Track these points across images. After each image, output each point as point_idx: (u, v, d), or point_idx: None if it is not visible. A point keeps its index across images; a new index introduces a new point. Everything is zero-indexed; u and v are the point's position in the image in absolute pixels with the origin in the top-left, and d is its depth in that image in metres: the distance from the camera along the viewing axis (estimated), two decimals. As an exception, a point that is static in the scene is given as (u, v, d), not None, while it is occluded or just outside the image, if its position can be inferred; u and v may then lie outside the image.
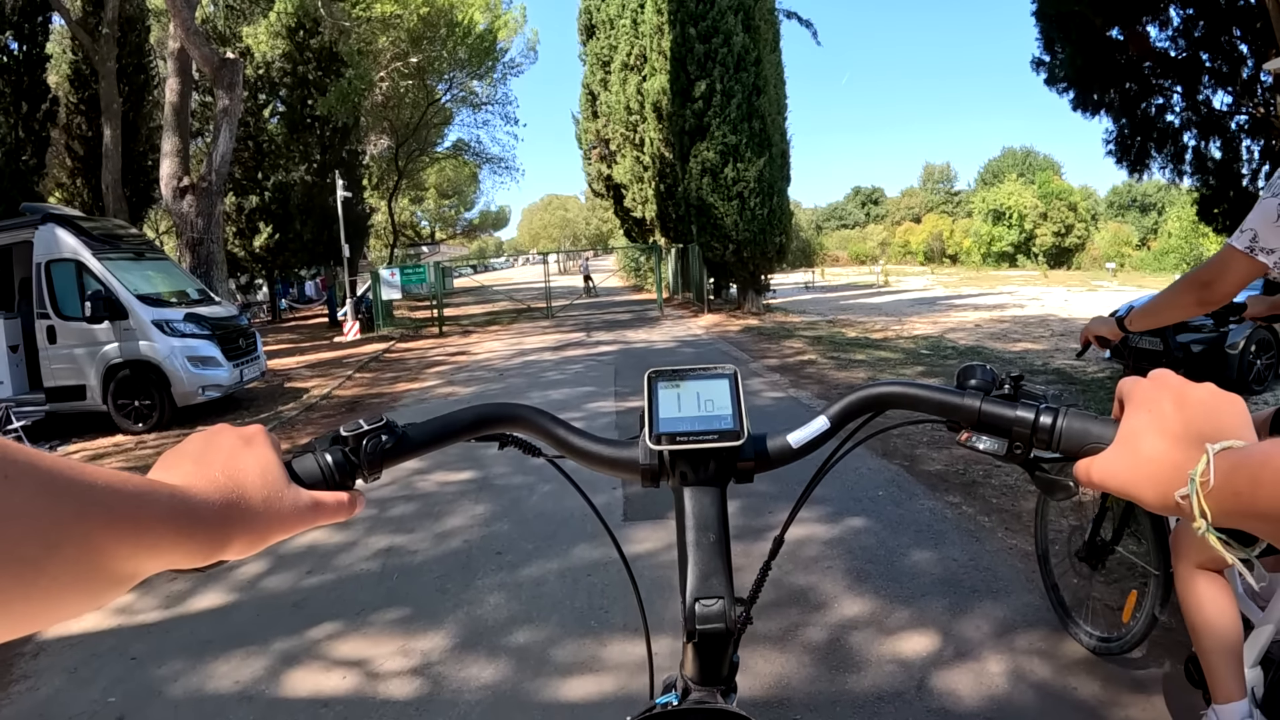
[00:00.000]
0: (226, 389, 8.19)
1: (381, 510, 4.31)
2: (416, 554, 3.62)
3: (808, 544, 3.42)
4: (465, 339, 14.67)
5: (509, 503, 4.19)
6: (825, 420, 0.66)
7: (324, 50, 19.38)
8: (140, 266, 8.67)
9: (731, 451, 0.61)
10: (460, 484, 4.63)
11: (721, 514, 0.62)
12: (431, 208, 45.80)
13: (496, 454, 5.35)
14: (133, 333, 7.78)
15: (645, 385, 0.63)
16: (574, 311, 19.15)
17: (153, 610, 3.29)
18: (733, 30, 14.35)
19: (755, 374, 8.27)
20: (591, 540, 3.56)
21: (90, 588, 0.36)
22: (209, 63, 11.85)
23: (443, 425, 0.64)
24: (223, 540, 0.45)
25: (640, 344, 11.81)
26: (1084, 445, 0.53)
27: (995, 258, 47.10)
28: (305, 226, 20.54)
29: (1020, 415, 0.58)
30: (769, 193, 14.92)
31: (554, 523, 3.84)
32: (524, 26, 26.97)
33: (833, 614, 2.82)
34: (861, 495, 4.04)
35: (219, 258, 11.89)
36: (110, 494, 0.37)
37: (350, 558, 3.69)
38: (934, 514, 3.77)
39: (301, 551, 3.84)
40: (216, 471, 0.47)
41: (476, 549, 3.60)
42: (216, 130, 12.00)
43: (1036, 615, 2.73)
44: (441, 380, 9.30)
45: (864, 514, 3.78)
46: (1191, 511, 0.42)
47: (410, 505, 4.34)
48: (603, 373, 8.87)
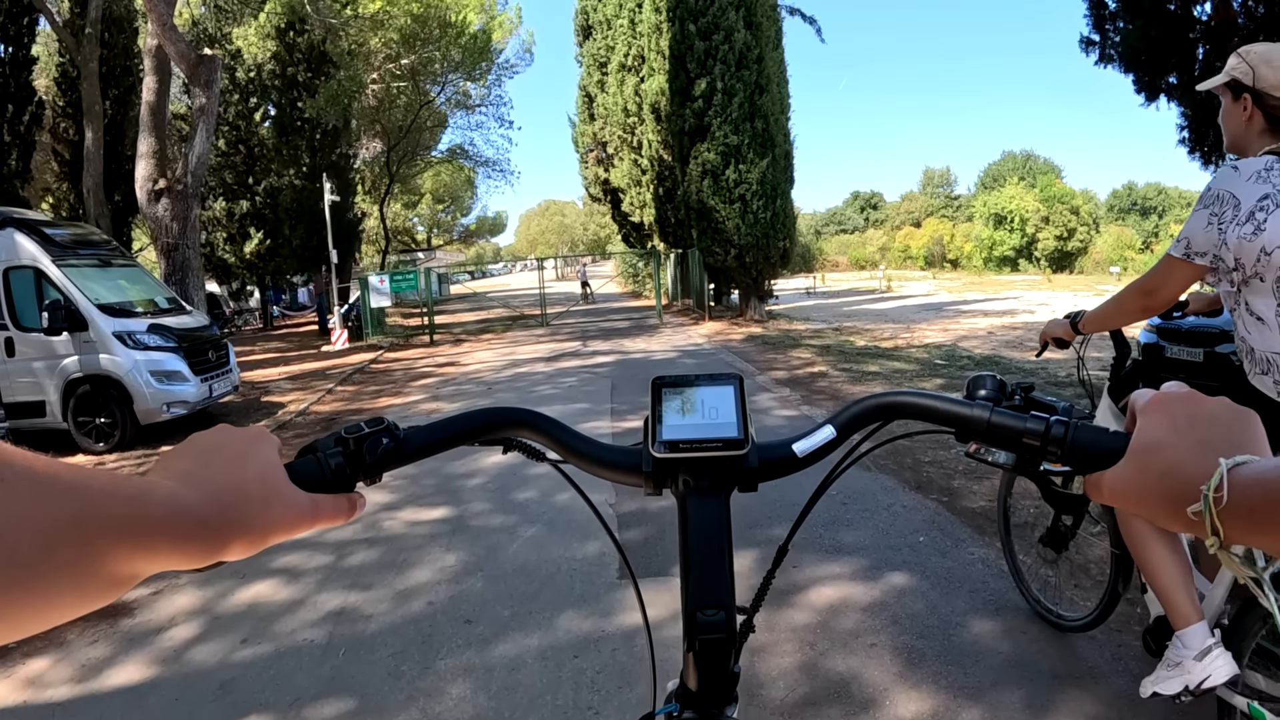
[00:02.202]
0: (193, 406, 7.61)
1: (339, 557, 3.71)
2: (370, 620, 3.01)
3: (845, 611, 2.82)
4: (456, 348, 14.07)
5: (485, 551, 3.58)
6: (831, 429, 0.64)
7: (313, 51, 18.87)
8: (106, 274, 8.14)
9: (735, 460, 0.60)
10: (431, 525, 4.02)
11: (724, 523, 0.60)
12: (426, 213, 45.20)
13: (475, 489, 4.77)
14: (93, 345, 7.25)
15: (650, 392, 0.63)
16: (570, 319, 18.55)
17: (65, 684, 2.74)
18: (734, 26, 13.79)
19: (763, 388, 7.67)
20: (581, 605, 2.96)
21: (89, 590, 0.36)
22: (185, 60, 11.28)
23: (445, 428, 0.63)
24: (222, 542, 0.45)
25: (639, 354, 11.21)
26: (1095, 458, 0.52)
27: (996, 262, 46.70)
28: (294, 232, 20.02)
29: (1030, 427, 0.56)
30: (772, 195, 14.34)
31: (536, 579, 3.22)
32: (519, 27, 26.47)
33: (885, 716, 2.22)
34: (899, 542, 3.44)
35: (195, 264, 11.29)
36: (107, 496, 0.37)
37: (294, 622, 3.09)
38: (988, 566, 3.17)
39: (242, 611, 3.26)
40: (216, 472, 0.47)
41: (442, 615, 2.99)
42: (193, 130, 11.41)
43: (1139, 708, 2.13)
44: (426, 395, 8.69)
45: (906, 567, 3.18)
46: (1204, 529, 0.41)
47: (373, 551, 3.73)
48: (599, 387, 8.26)
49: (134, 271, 8.79)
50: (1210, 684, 1.76)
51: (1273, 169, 1.66)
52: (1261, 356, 1.72)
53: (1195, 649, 1.80)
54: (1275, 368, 1.69)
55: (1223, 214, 1.68)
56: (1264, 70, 1.71)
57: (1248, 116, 1.77)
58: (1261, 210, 1.63)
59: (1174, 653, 1.85)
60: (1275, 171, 1.66)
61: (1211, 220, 1.69)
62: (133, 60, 17.94)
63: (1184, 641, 1.82)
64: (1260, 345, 1.72)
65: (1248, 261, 1.65)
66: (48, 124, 17.37)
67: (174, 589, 3.58)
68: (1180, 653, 1.83)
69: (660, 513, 3.85)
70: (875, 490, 4.12)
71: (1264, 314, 1.68)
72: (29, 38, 15.94)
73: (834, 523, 3.65)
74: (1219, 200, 1.69)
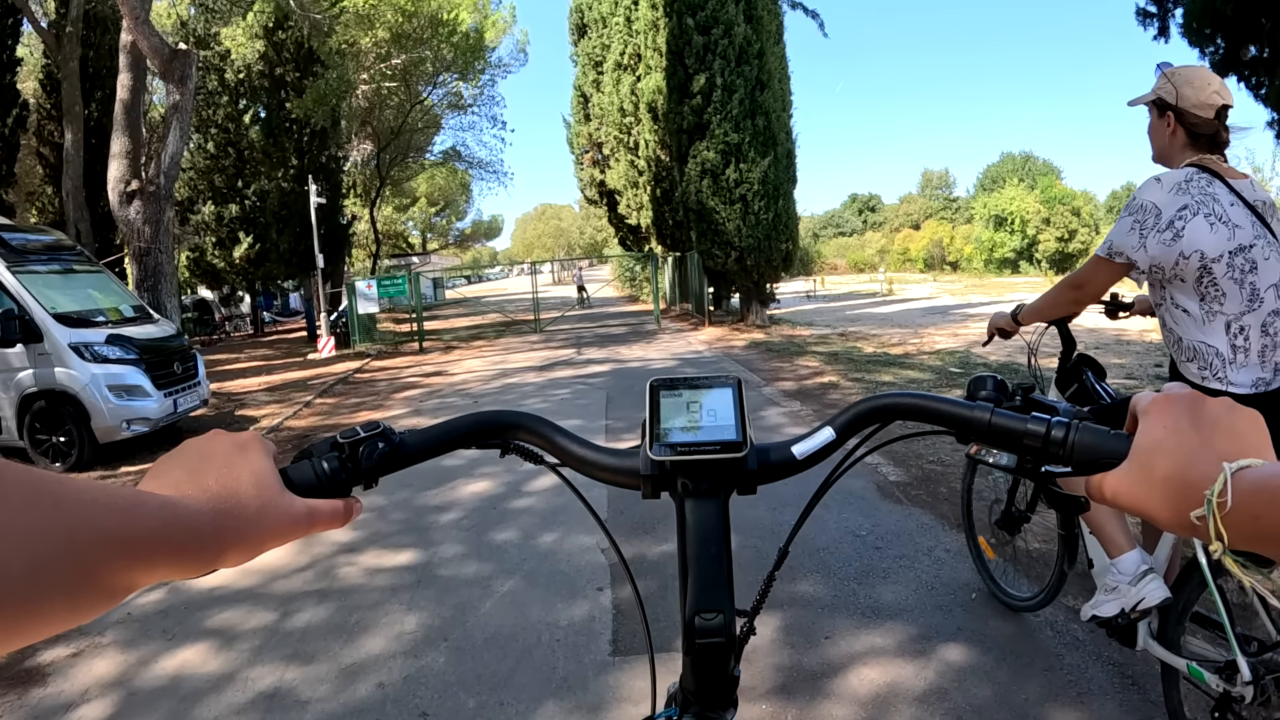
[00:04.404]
0: (156, 423, 7.03)
1: (283, 615, 3.14)
2: (306, 709, 2.44)
3: (895, 703, 2.24)
4: (446, 356, 13.50)
5: (452, 612, 2.98)
6: (831, 431, 0.63)
7: (301, 50, 18.34)
8: (68, 282, 7.64)
9: (734, 463, 0.59)
10: (394, 574, 3.43)
11: (723, 526, 0.59)
12: (419, 216, 44.59)
13: (448, 527, 4.16)
14: (49, 358, 6.72)
15: (648, 394, 0.62)
16: (565, 324, 17.97)
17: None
18: (734, 20, 13.25)
19: (771, 401, 7.11)
20: (565, 694, 2.37)
21: (83, 602, 0.36)
22: (159, 54, 10.73)
23: (442, 432, 0.62)
24: (217, 551, 0.44)
25: (636, 363, 10.64)
26: (1097, 460, 0.52)
27: (997, 264, 46.25)
28: (282, 236, 19.50)
29: (1031, 428, 0.55)
30: (774, 195, 13.79)
31: (511, 654, 2.64)
32: (513, 27, 25.92)
33: None
34: (949, 600, 2.87)
35: (168, 269, 10.71)
36: (99, 507, 0.37)
37: (219, 705, 2.52)
38: (1059, 633, 2.61)
39: (163, 685, 2.71)
40: (209, 480, 0.47)
41: (393, 704, 2.40)
42: (166, 129, 10.85)
43: None
44: (409, 409, 8.11)
45: (962, 636, 2.61)
46: (1208, 533, 0.40)
47: (322, 608, 3.16)
48: (593, 400, 7.69)
49: (99, 278, 8.25)
50: (1144, 606, 1.93)
51: (1192, 180, 1.83)
52: (1188, 345, 1.91)
53: (1130, 574, 1.97)
54: (1200, 356, 1.88)
55: (1145, 222, 1.86)
56: (1186, 91, 1.88)
57: (1171, 131, 1.93)
58: (1180, 219, 1.81)
59: (1111, 579, 2.02)
60: (1194, 183, 1.83)
61: (1134, 227, 1.88)
62: (117, 61, 17.45)
63: (1120, 568, 1.99)
64: (1186, 336, 1.91)
65: (1167, 265, 1.85)
66: (32, 127, 16.90)
67: (96, 650, 3.04)
68: (1116, 578, 2.00)
69: (662, 561, 3.28)
70: (911, 530, 3.56)
71: (1189, 307, 1.87)
72: (13, 39, 15.52)
73: (868, 574, 3.08)
74: (1142, 209, 1.87)
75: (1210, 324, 1.84)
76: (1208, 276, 1.81)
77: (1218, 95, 1.87)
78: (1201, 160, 1.88)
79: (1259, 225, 1.83)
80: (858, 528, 3.60)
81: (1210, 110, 1.86)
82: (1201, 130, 1.89)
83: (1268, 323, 1.82)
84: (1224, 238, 1.79)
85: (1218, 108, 1.86)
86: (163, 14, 18.39)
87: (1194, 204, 1.80)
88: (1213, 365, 1.86)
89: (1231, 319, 1.82)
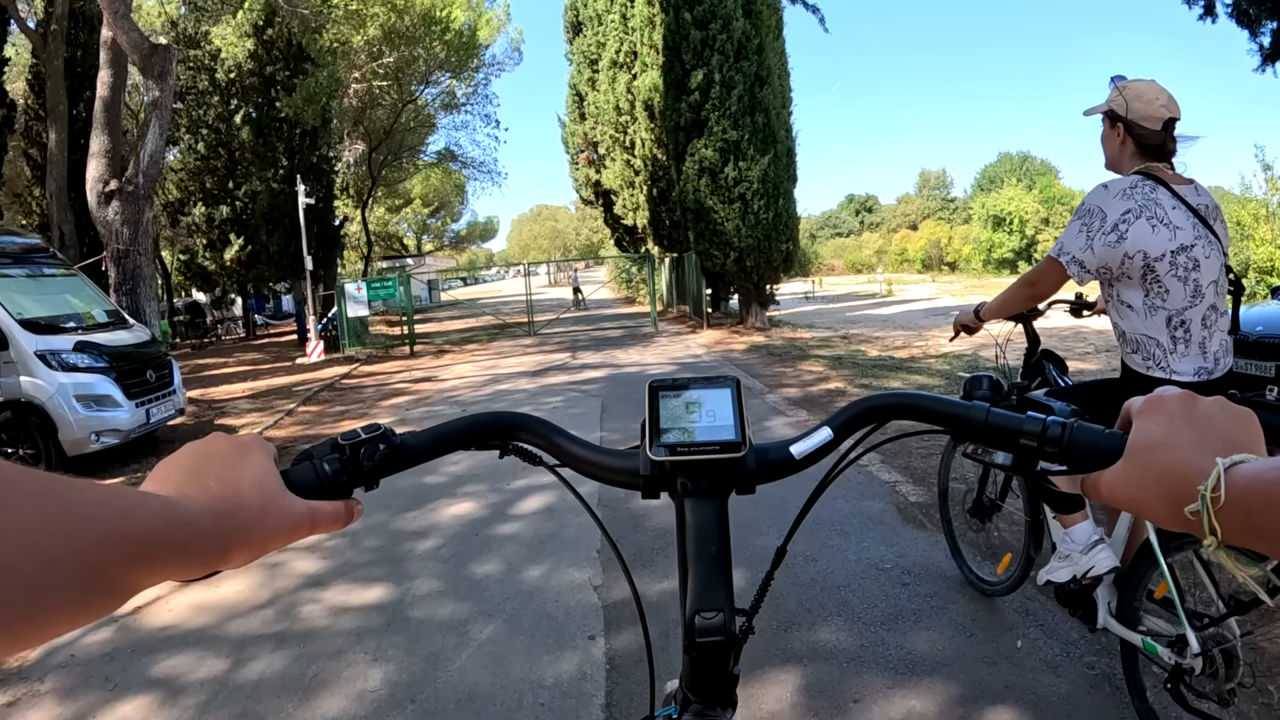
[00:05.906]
0: (127, 434, 6.66)
1: (236, 663, 2.78)
2: (246, 791, 2.08)
3: (940, 790, 1.89)
4: (437, 360, 13.12)
5: (423, 665, 2.60)
6: (828, 430, 0.62)
7: (291, 48, 17.96)
8: (39, 286, 7.30)
9: (733, 462, 0.59)
10: (361, 614, 3.05)
11: (722, 525, 0.59)
12: (413, 218, 44.15)
13: (424, 557, 3.73)
14: (13, 366, 6.37)
15: (647, 395, 0.61)
16: (560, 327, 17.59)
17: None
18: (732, 15, 12.90)
19: (776, 410, 6.75)
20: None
21: (88, 603, 0.36)
22: (138, 49, 10.35)
23: (441, 434, 0.61)
24: (220, 551, 0.44)
25: (632, 368, 10.28)
26: (1092, 458, 0.52)
27: (996, 264, 45.99)
28: (272, 237, 19.13)
29: (1027, 427, 0.55)
30: (774, 194, 13.45)
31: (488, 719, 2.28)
32: (507, 25, 25.55)
33: None
34: (991, 650, 2.50)
35: (147, 272, 10.33)
36: (104, 509, 0.37)
37: (147, 781, 2.16)
38: (1117, 688, 2.24)
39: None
40: (211, 481, 0.46)
41: (347, 787, 2.05)
42: (145, 126, 10.47)
43: None
44: (395, 418, 7.74)
45: (1011, 697, 2.24)
46: (1202, 528, 0.40)
47: (279, 655, 2.79)
48: (587, 408, 7.33)
49: (73, 282, 7.89)
50: (1094, 573, 2.06)
51: (1137, 187, 1.94)
52: (1132, 338, 2.02)
53: (1082, 543, 2.10)
54: (1142, 347, 2.00)
55: (1091, 225, 1.98)
56: (1136, 104, 1.97)
57: (1121, 141, 2.03)
58: (1124, 222, 1.92)
59: (1064, 546, 2.17)
60: (1139, 189, 1.93)
61: (1082, 229, 1.99)
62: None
63: (1072, 537, 2.14)
64: (1130, 329, 2.02)
65: (1113, 265, 1.96)
66: (20, 127, 16.51)
67: (33, 699, 2.70)
68: (1069, 546, 2.14)
69: (662, 602, 2.92)
70: (939, 560, 3.20)
71: (1133, 303, 1.99)
72: (0, 39, 15.10)
73: (897, 616, 2.72)
74: (1089, 214, 1.98)
75: (1152, 317, 1.95)
76: (1151, 274, 1.93)
77: (1165, 109, 1.95)
78: (1148, 168, 1.98)
79: (1200, 227, 1.93)
80: (880, 559, 3.24)
81: (1158, 123, 1.95)
82: (1149, 141, 1.97)
83: (1207, 316, 1.94)
84: (1165, 239, 1.90)
85: (1165, 120, 1.95)
86: (152, 13, 18.02)
87: (1137, 208, 1.91)
88: (1155, 355, 1.97)
89: (1173, 313, 1.94)
